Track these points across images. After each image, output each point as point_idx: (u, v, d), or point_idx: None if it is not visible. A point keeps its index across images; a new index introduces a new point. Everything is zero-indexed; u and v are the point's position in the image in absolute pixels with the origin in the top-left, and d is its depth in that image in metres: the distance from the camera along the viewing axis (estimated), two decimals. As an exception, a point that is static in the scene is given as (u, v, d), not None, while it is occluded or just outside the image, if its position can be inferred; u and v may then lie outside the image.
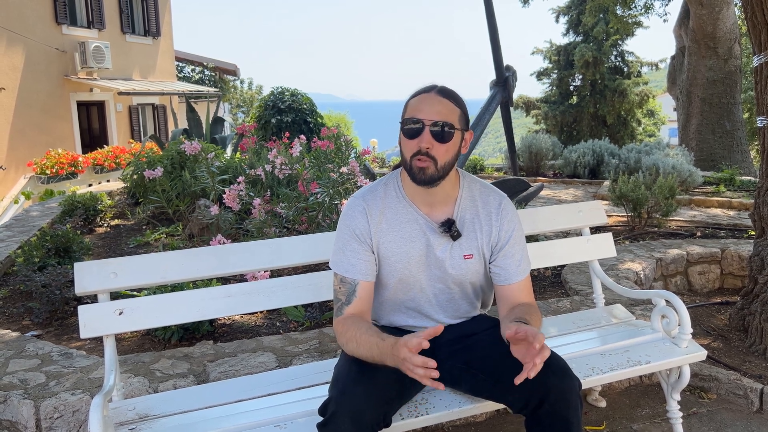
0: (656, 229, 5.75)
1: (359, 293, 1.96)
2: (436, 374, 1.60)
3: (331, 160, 4.92)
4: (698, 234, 5.62)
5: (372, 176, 5.12)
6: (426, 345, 1.61)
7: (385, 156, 15.05)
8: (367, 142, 18.90)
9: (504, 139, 6.97)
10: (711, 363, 3.22)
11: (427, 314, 2.11)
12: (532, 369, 1.63)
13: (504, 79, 6.31)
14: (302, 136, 5.71)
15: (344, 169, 4.51)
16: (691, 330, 2.46)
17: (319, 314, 3.69)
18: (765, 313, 3.39)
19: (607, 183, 8.52)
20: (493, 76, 6.38)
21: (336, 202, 4.34)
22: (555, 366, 1.84)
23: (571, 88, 24.44)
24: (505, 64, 6.37)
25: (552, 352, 1.92)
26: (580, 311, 2.99)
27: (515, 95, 6.62)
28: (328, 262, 2.11)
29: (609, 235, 2.96)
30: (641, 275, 4.30)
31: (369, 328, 1.85)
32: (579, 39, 24.05)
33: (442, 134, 1.86)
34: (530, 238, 3.90)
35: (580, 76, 23.76)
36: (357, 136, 21.99)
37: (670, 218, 6.11)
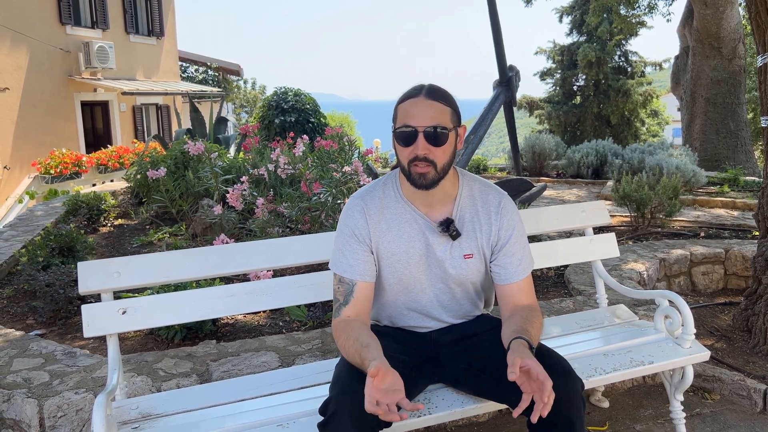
0: (660, 229, 5.74)
1: (357, 294, 1.96)
2: (405, 416, 1.62)
3: (334, 159, 4.93)
4: (702, 234, 5.61)
5: (375, 176, 5.12)
6: (372, 409, 1.59)
7: (388, 156, 15.05)
8: (371, 142, 18.90)
9: (507, 139, 6.97)
10: (714, 363, 3.21)
11: (429, 314, 2.10)
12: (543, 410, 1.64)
13: (507, 79, 6.32)
14: (305, 136, 5.71)
15: (347, 169, 4.51)
16: (695, 330, 2.45)
17: (321, 314, 3.69)
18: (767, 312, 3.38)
19: (610, 183, 8.49)
20: (496, 75, 6.39)
21: (339, 202, 4.34)
22: (558, 366, 1.84)
23: (575, 88, 24.37)
24: (508, 64, 6.38)
25: (555, 352, 1.93)
26: (583, 311, 3.00)
27: (518, 95, 6.62)
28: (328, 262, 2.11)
29: (612, 236, 2.96)
30: (644, 275, 4.29)
31: (357, 339, 1.84)
32: (582, 39, 23.99)
33: (436, 138, 1.85)
34: (533, 238, 3.90)
35: (584, 76, 23.71)
36: (360, 136, 21.99)
37: (674, 218, 6.09)
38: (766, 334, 3.37)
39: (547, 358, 1.87)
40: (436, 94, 1.88)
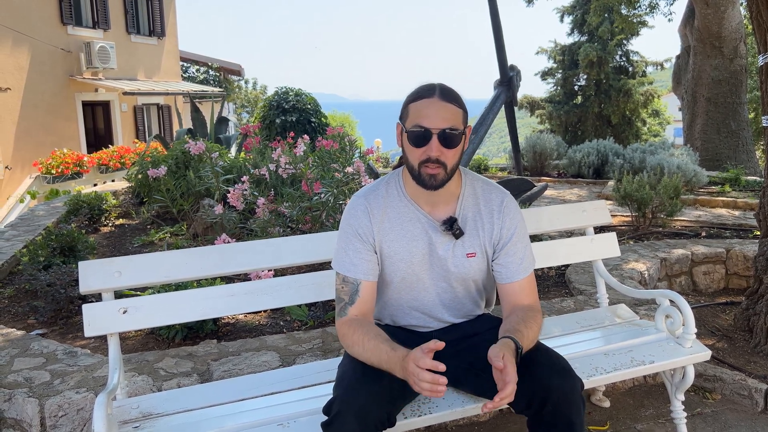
0: (661, 229, 5.73)
1: (362, 293, 1.95)
2: (442, 391, 1.62)
3: (335, 159, 4.93)
4: (703, 234, 5.60)
5: (376, 176, 5.11)
6: (430, 362, 1.62)
7: (389, 156, 15.05)
8: (372, 142, 18.90)
9: (508, 138, 6.96)
10: (715, 363, 3.20)
11: (431, 314, 2.10)
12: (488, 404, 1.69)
13: (508, 79, 6.31)
14: (306, 136, 5.71)
15: (349, 169, 4.51)
16: (696, 330, 2.45)
17: (322, 313, 3.69)
18: None
19: (611, 183, 8.49)
20: (497, 75, 6.38)
21: (340, 202, 4.34)
22: (557, 366, 1.84)
23: (576, 87, 24.35)
24: (509, 64, 6.37)
25: (554, 352, 1.93)
26: (584, 311, 2.99)
27: (519, 95, 6.62)
28: (331, 262, 2.10)
29: (613, 235, 2.96)
30: (645, 275, 4.29)
31: (378, 333, 1.85)
32: (584, 39, 23.97)
33: (450, 140, 1.85)
34: (534, 238, 3.90)
35: (585, 76, 23.70)
36: (361, 136, 22.00)
37: (675, 218, 6.08)
38: (767, 334, 3.37)
39: (546, 357, 1.88)
40: (449, 95, 1.88)
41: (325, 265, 2.39)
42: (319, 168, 4.86)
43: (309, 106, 10.91)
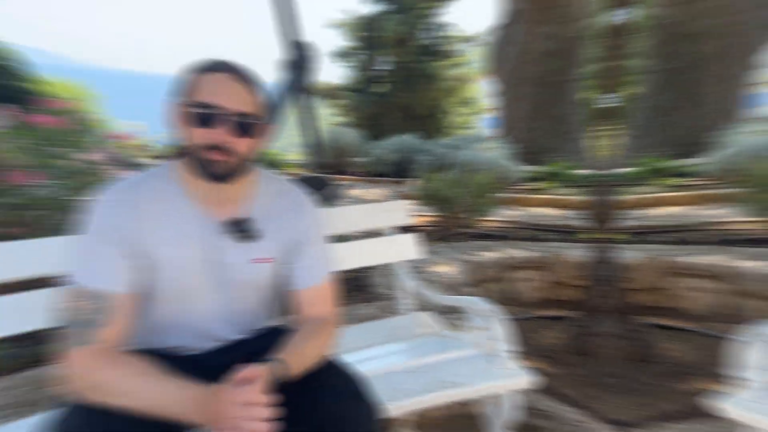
0: (470, 229, 6.00)
1: (119, 310, 1.83)
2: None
3: (62, 143, 4.60)
4: (517, 235, 5.91)
5: (128, 167, 4.86)
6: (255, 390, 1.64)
7: (153, 143, 14.54)
8: (125, 123, 18.08)
9: (302, 132, 6.81)
10: (550, 395, 3.19)
11: (206, 331, 2.06)
12: None
13: (299, 60, 6.20)
14: (12, 107, 5.21)
15: (84, 156, 4.23)
16: (517, 348, 2.50)
17: (30, 350, 3.35)
18: (609, 332, 3.38)
19: (415, 181, 8.79)
20: (285, 55, 6.23)
21: (68, 198, 4.07)
22: (348, 388, 1.89)
23: (377, 72, 24.38)
24: (301, 41, 6.23)
25: (346, 370, 1.98)
26: (386, 319, 3.17)
27: (312, 79, 6.47)
28: (51, 277, 2.00)
29: (414, 236, 3.16)
30: (453, 280, 4.48)
31: (152, 366, 1.74)
32: (391, 8, 23.61)
33: (247, 127, 1.88)
34: (332, 240, 3.96)
35: (390, 58, 23.98)
36: (111, 116, 20.93)
37: (487, 218, 6.44)
38: (613, 362, 3.34)
39: (335, 377, 1.92)
40: (248, 76, 1.91)
41: (43, 282, 2.13)
42: (33, 153, 4.48)
43: (9, 63, 9.68)
